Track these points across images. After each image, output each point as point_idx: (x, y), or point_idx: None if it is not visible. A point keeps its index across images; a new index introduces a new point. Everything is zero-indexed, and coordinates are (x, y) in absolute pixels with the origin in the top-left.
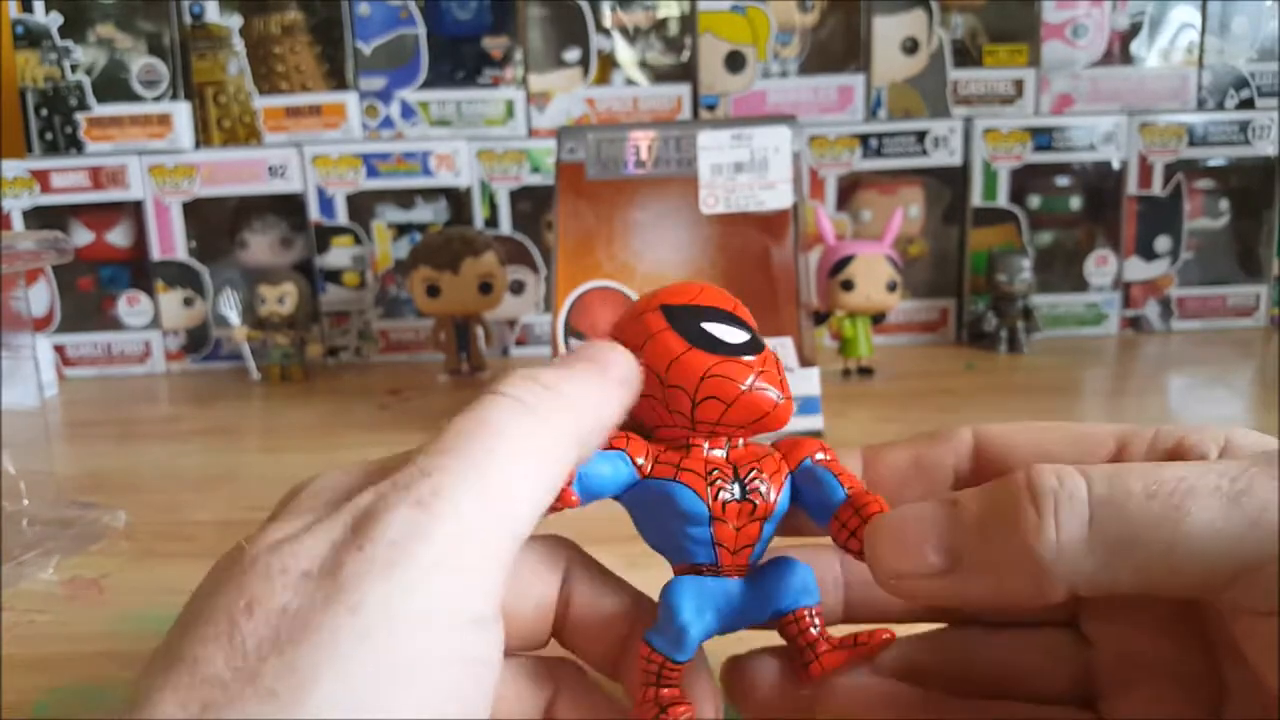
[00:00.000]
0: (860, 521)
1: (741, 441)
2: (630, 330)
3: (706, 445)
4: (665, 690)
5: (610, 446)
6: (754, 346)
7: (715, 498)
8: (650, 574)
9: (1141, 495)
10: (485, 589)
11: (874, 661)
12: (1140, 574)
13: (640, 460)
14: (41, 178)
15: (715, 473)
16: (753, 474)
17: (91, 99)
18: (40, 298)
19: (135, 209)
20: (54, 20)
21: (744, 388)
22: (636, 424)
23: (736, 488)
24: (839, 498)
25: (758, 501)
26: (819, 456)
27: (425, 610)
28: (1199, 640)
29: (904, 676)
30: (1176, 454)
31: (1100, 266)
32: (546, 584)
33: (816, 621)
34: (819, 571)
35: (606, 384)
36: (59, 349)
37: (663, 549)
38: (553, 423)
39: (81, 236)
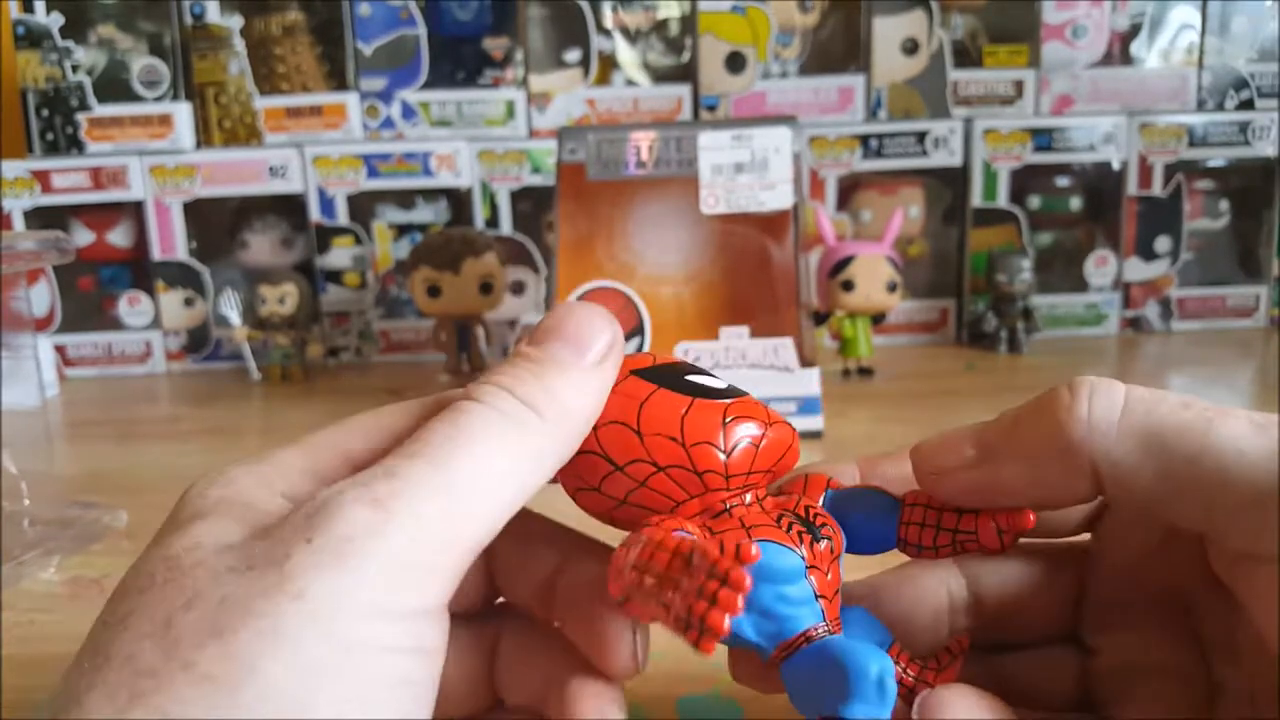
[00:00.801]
0: (937, 511)
1: (762, 497)
2: (613, 405)
3: (742, 502)
4: None
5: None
6: (737, 391)
7: (801, 544)
8: None
9: (1176, 403)
10: (436, 586)
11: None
12: (1164, 475)
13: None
14: (42, 178)
15: (783, 518)
16: (809, 512)
17: (92, 99)
18: (41, 298)
19: (136, 209)
20: (55, 21)
21: (768, 424)
22: (648, 510)
23: (804, 522)
24: (891, 504)
25: (832, 538)
26: (833, 486)
27: (372, 601)
28: (1191, 642)
29: None
30: None
31: (1100, 267)
32: None
33: (906, 659)
34: None
35: (586, 374)
36: (60, 349)
37: (755, 635)
38: (531, 437)
39: (82, 237)
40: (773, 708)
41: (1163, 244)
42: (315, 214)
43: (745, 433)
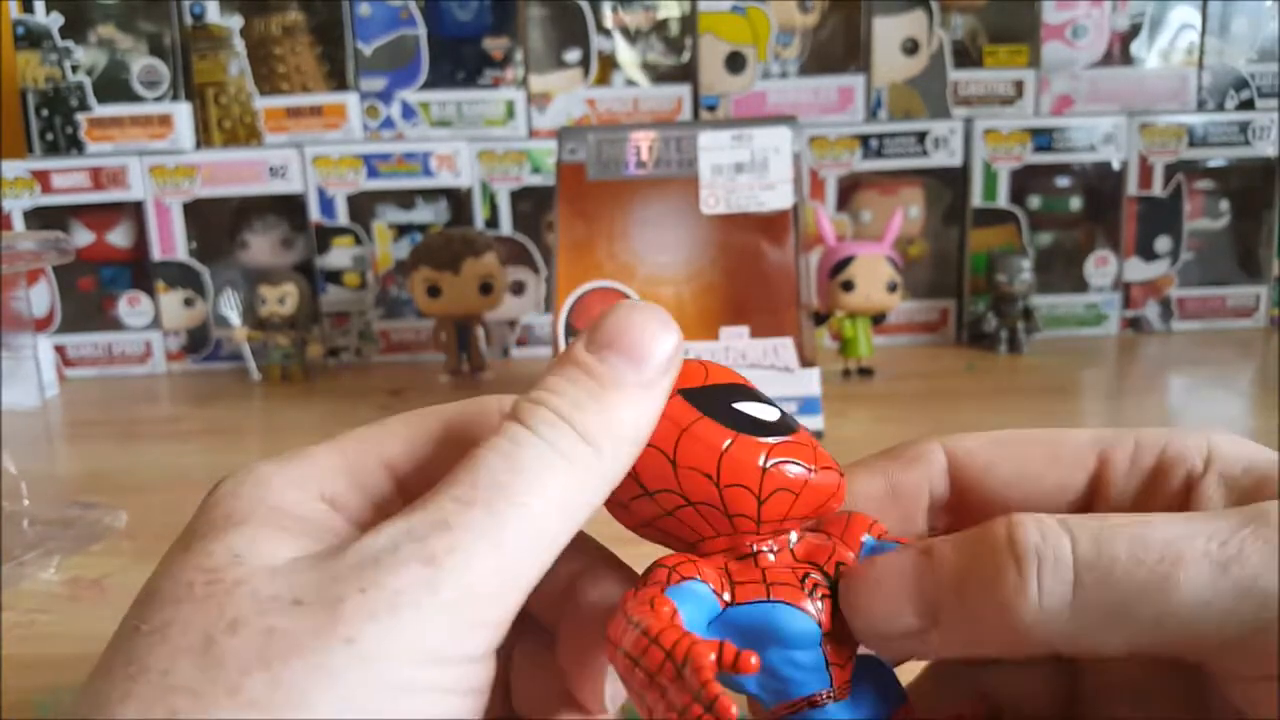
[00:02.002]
0: None
1: (795, 536)
2: (654, 436)
3: (771, 548)
4: None
5: (680, 577)
6: (789, 423)
7: (821, 610)
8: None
9: (1128, 562)
10: (487, 636)
11: None
12: (1127, 641)
13: (714, 588)
14: (42, 178)
15: (808, 579)
16: (840, 569)
17: (92, 99)
18: (41, 298)
19: (136, 209)
20: (55, 21)
21: (804, 475)
22: (674, 538)
23: (829, 582)
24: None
25: None
26: (875, 532)
27: (422, 650)
28: (1180, 665)
29: None
30: (1160, 471)
31: (1100, 267)
32: None
33: None
34: None
35: (646, 392)
36: (59, 349)
37: (757, 689)
38: (588, 476)
39: (82, 237)
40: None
41: (1163, 244)
42: (315, 214)
43: (785, 480)
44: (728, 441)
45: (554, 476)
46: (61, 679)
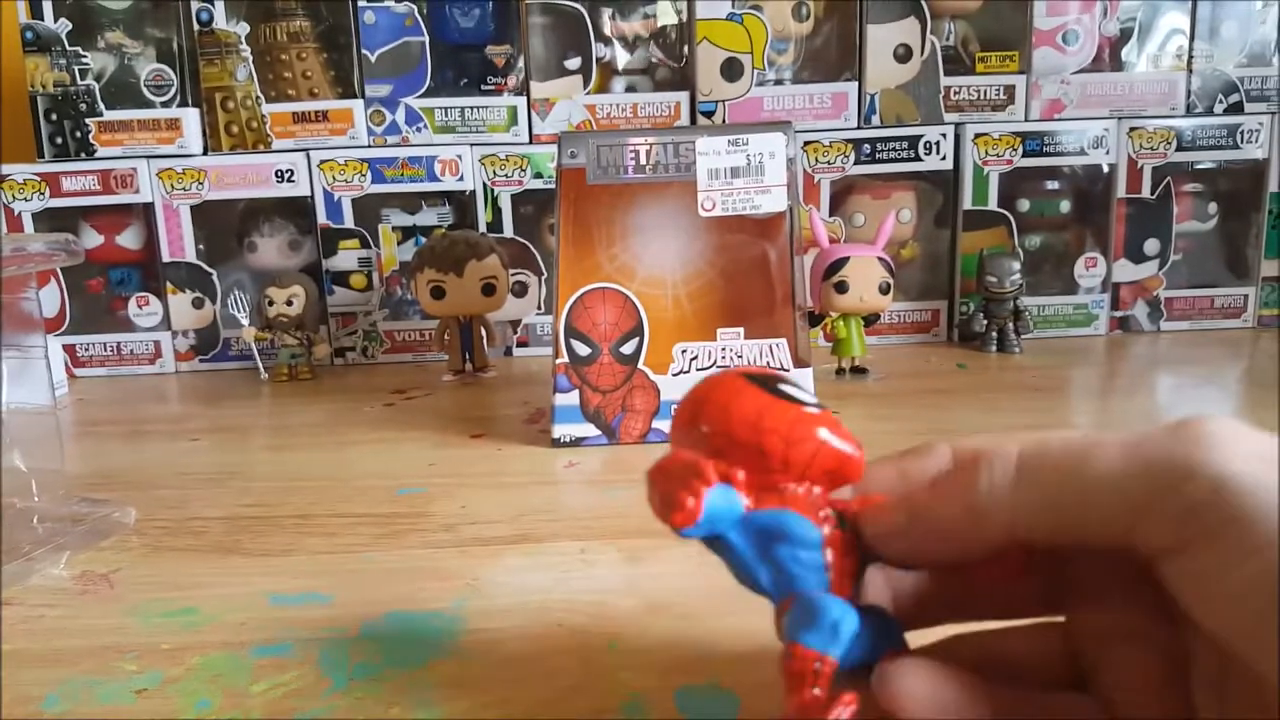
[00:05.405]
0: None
1: (818, 490)
2: (715, 394)
3: (797, 488)
4: (820, 692)
5: (717, 477)
6: (821, 406)
7: (823, 525)
8: (652, 568)
9: (1057, 452)
10: None
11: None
12: (1061, 515)
13: (742, 495)
14: (51, 181)
15: (816, 503)
16: (847, 510)
17: (101, 104)
18: (51, 299)
19: (145, 212)
20: (63, 26)
21: (826, 435)
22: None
23: (840, 519)
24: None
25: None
26: None
27: None
28: (1162, 610)
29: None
30: None
31: (1090, 268)
32: None
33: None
34: None
35: None
36: (69, 349)
37: (768, 583)
38: None
39: (91, 239)
40: (771, 701)
41: (1152, 246)
42: (322, 217)
43: (807, 433)
44: (770, 402)
45: None
46: (70, 672)
